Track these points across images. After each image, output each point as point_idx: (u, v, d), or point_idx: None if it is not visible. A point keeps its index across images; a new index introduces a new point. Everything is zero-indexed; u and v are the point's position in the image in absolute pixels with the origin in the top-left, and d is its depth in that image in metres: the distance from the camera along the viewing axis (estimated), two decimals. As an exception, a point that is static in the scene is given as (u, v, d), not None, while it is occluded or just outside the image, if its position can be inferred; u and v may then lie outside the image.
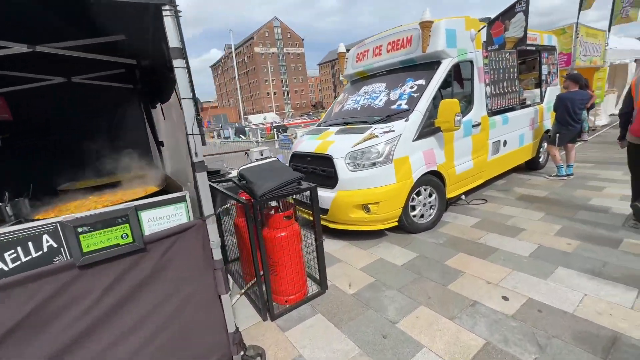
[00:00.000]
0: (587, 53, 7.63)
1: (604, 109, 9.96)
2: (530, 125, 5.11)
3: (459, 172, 3.84)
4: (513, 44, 3.46)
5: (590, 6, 6.58)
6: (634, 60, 10.82)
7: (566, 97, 4.70)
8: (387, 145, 3.16)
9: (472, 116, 3.91)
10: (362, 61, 4.51)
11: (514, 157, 4.94)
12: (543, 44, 5.28)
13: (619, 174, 4.95)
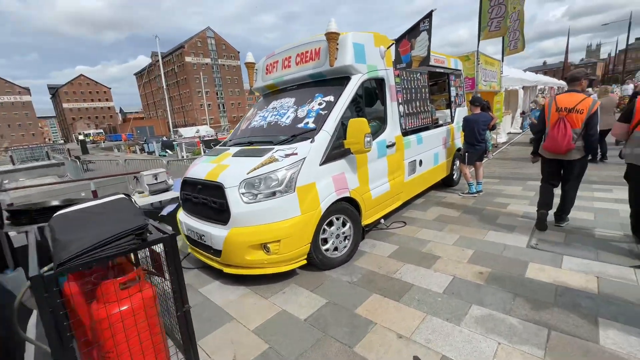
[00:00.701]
0: (487, 79, 8.52)
1: (502, 128, 11.33)
2: (443, 144, 5.23)
3: (375, 196, 3.55)
4: (418, 63, 3.36)
5: (487, 38, 7.34)
6: (521, 87, 12.70)
7: (471, 119, 4.91)
8: (288, 171, 2.67)
9: (386, 136, 3.70)
10: (272, 73, 4.03)
11: (431, 176, 4.95)
12: (450, 67, 5.54)
13: (519, 189, 5.33)
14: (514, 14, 9.36)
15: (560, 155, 3.26)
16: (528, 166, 7.12)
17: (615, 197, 4.44)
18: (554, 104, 3.24)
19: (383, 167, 3.69)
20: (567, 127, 3.08)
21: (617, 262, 2.72)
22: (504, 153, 9.20)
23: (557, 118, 3.16)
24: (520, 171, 6.76)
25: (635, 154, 2.70)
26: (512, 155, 8.68)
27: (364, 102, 3.49)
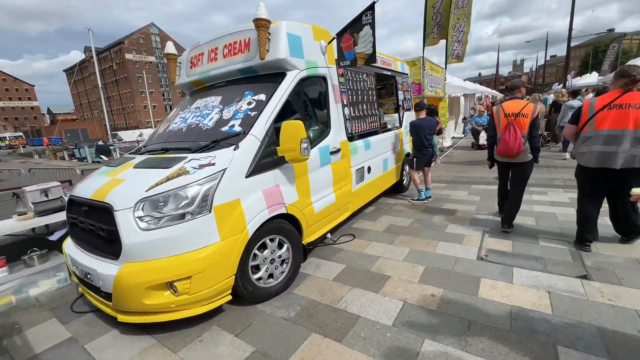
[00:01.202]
0: (433, 85, 8.75)
1: (447, 133, 11.84)
2: (392, 149, 5.03)
3: (318, 210, 3.12)
4: (364, 61, 3.03)
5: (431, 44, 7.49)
6: (462, 94, 13.50)
7: (417, 124, 4.78)
8: (202, 186, 2.10)
9: (330, 141, 3.30)
10: (197, 67, 3.41)
11: (380, 182, 4.69)
12: (398, 70, 5.39)
13: (465, 194, 5.33)
14: (457, 25, 9.79)
15: (512, 158, 3.44)
16: (472, 170, 7.36)
17: (551, 200, 4.59)
18: (501, 111, 3.43)
19: (327, 176, 3.28)
20: (517, 131, 3.29)
21: (564, 273, 2.62)
22: (449, 157, 9.52)
23: (507, 123, 3.36)
24: (465, 175, 6.91)
25: (579, 152, 2.89)
26: (457, 159, 8.99)
27: (302, 103, 3.05)
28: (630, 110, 2.57)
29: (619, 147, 2.61)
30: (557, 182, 5.54)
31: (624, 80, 2.65)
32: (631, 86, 2.62)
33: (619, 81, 2.70)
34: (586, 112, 2.80)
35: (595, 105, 2.75)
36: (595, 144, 2.73)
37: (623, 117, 2.60)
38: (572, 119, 2.98)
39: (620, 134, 2.61)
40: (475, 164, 8.08)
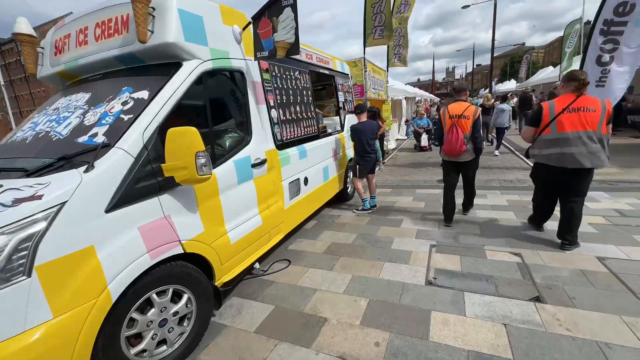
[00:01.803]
0: (376, 87, 8.61)
1: (392, 135, 11.98)
2: (333, 155, 4.56)
3: (237, 239, 2.46)
4: (285, 51, 2.46)
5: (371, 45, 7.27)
6: (404, 97, 13.86)
7: (358, 128, 4.38)
8: (11, 236, 1.30)
9: (252, 151, 2.66)
10: (63, 54, 2.50)
11: (321, 194, 4.18)
12: (337, 69, 4.96)
13: (410, 199, 5.10)
14: (398, 29, 9.86)
15: (456, 157, 3.62)
16: (415, 172, 7.32)
17: (491, 204, 4.53)
18: (447, 112, 3.59)
19: (249, 194, 2.63)
20: (459, 132, 3.46)
21: (517, 295, 2.34)
22: (394, 159, 9.51)
23: (451, 124, 3.52)
24: (410, 177, 6.79)
25: (543, 154, 2.98)
26: (402, 162, 8.98)
27: (209, 104, 2.35)
28: (590, 113, 2.72)
29: (582, 147, 2.74)
30: (494, 184, 5.62)
31: (574, 84, 2.80)
32: (582, 89, 2.79)
33: (569, 85, 2.84)
34: (547, 115, 2.88)
35: (555, 108, 2.84)
36: (564, 145, 2.81)
37: (583, 119, 2.73)
38: (530, 121, 3.06)
39: (583, 135, 2.74)
40: (418, 165, 8.10)
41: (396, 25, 9.72)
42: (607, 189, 4.72)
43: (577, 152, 2.75)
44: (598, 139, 2.71)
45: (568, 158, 2.79)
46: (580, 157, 2.74)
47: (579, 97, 2.77)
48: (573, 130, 2.76)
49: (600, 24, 5.23)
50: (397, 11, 9.31)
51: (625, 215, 3.67)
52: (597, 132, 2.71)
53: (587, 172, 2.82)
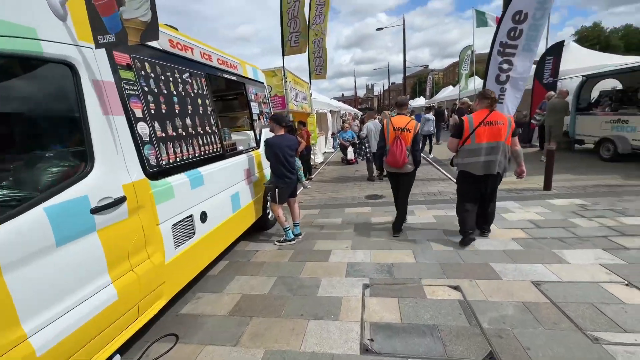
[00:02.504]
0: (298, 99, 8.15)
1: (319, 149, 11.68)
2: (247, 178, 3.76)
3: (58, 341, 1.45)
4: (139, 34, 1.63)
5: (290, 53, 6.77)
6: (329, 110, 13.86)
7: (273, 142, 3.68)
8: None
9: (92, 188, 1.70)
10: None
11: (230, 229, 3.31)
12: (247, 76, 4.21)
13: (339, 222, 4.59)
14: (316, 41, 9.65)
15: (398, 169, 3.68)
16: (344, 188, 6.96)
17: (420, 221, 4.30)
18: (391, 125, 3.63)
19: (85, 259, 1.64)
20: (402, 144, 3.54)
21: (468, 355, 1.88)
22: (322, 174, 9.11)
23: (395, 136, 3.57)
24: (338, 195, 6.36)
25: (464, 163, 3.30)
26: (330, 176, 8.61)
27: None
28: (500, 126, 3.09)
29: (496, 155, 3.12)
30: (419, 197, 5.54)
31: (487, 101, 3.17)
32: (494, 106, 3.17)
33: (483, 102, 3.20)
34: (467, 128, 3.20)
35: (473, 122, 3.18)
36: (481, 155, 3.17)
37: (495, 132, 3.11)
38: (455, 133, 3.35)
39: (496, 146, 3.11)
40: (345, 180, 7.80)
41: (314, 37, 9.52)
42: (515, 198, 4.97)
43: (491, 159, 3.14)
44: (505, 149, 3.15)
45: (484, 165, 3.18)
46: (493, 164, 3.14)
47: (491, 112, 3.14)
48: (487, 141, 3.13)
49: (497, 46, 5.70)
50: (313, 22, 9.12)
51: (539, 226, 3.75)
52: (504, 143, 3.13)
53: (498, 176, 3.25)
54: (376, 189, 6.61)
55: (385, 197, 5.87)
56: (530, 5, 5.22)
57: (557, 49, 9.15)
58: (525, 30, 5.40)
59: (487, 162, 3.15)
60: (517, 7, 5.28)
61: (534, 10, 5.24)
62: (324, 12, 9.30)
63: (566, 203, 4.52)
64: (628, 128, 6.61)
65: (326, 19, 9.35)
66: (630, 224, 3.55)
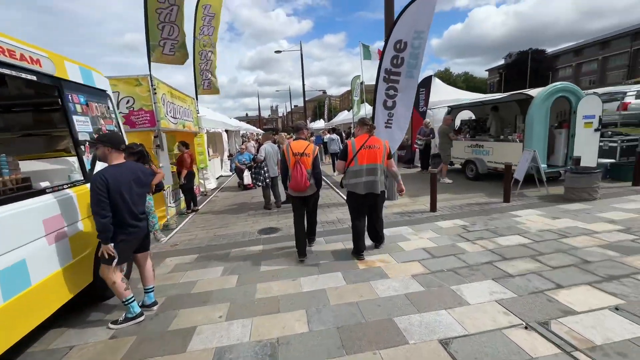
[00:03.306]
0: (178, 116, 6.79)
1: (212, 173, 10.26)
2: (52, 232, 2.39)
3: None
4: None
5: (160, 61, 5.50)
6: (224, 130, 12.60)
7: (108, 177, 2.44)
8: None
9: None
10: None
11: (12, 319, 1.91)
12: (65, 77, 2.87)
13: (217, 276, 3.52)
14: (204, 52, 8.52)
15: (302, 193, 3.69)
16: (236, 220, 5.88)
17: (319, 261, 3.68)
18: (290, 150, 3.65)
19: None
20: (302, 168, 3.56)
21: None
22: (212, 203, 7.79)
23: (295, 161, 3.59)
24: (226, 231, 5.28)
25: (351, 184, 3.52)
26: (221, 205, 7.39)
27: None
28: (376, 150, 3.45)
29: (375, 176, 3.45)
30: (318, 228, 5.00)
31: (366, 127, 3.56)
32: (372, 132, 3.55)
33: (363, 128, 3.58)
34: (351, 151, 3.48)
35: (355, 145, 3.48)
36: (363, 176, 3.46)
37: (372, 154, 3.45)
38: (341, 156, 3.61)
39: (374, 167, 3.44)
40: (239, 210, 6.76)
41: (200, 48, 8.41)
42: (408, 222, 4.95)
43: (372, 180, 3.45)
44: (382, 170, 3.50)
45: (366, 185, 3.47)
46: (374, 184, 3.46)
47: (370, 137, 3.50)
48: (368, 163, 3.44)
49: (382, 73, 5.85)
50: (200, 32, 8.04)
51: (433, 255, 3.60)
52: (381, 164, 3.47)
53: (380, 194, 3.57)
54: (272, 220, 5.81)
55: (281, 230, 5.12)
56: (408, 35, 5.55)
57: (427, 82, 10.55)
58: (406, 58, 5.71)
59: (368, 182, 3.46)
60: (398, 36, 5.55)
61: (412, 40, 5.59)
62: (214, 25, 8.36)
63: (451, 225, 4.67)
64: (484, 152, 7.80)
65: (216, 32, 8.41)
66: (505, 245, 3.73)
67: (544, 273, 2.97)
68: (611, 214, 4.55)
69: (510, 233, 4.12)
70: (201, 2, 8.13)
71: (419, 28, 5.60)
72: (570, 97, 6.40)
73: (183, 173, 6.32)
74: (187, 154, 6.37)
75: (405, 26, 5.58)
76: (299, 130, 3.97)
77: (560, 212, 4.90)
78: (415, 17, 5.50)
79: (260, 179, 6.43)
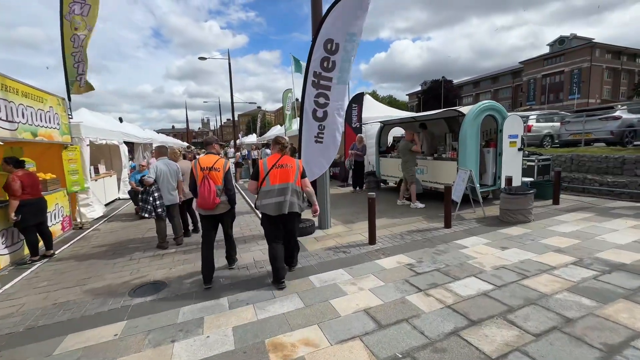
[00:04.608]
0: (18, 119, 4.64)
1: (96, 198, 7.83)
2: None
3: None
4: None
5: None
6: (122, 142, 10.14)
7: None
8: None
9: None
10: None
11: None
12: None
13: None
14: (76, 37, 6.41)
15: (211, 211, 3.48)
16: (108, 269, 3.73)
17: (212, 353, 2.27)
18: (198, 165, 3.50)
19: None
20: (211, 184, 3.39)
21: None
22: (85, 241, 5.58)
23: (202, 176, 3.42)
24: (79, 294, 3.42)
25: (263, 205, 3.31)
26: (97, 243, 5.29)
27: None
28: (288, 169, 3.34)
29: (285, 196, 3.27)
30: (223, 281, 3.58)
31: (278, 146, 3.43)
32: (284, 151, 3.42)
33: (275, 147, 3.46)
34: (262, 171, 3.34)
35: (267, 164, 3.35)
36: (272, 197, 3.28)
37: (284, 174, 3.32)
38: (252, 176, 3.47)
39: (286, 187, 3.29)
40: (122, 251, 4.83)
41: (71, 32, 6.31)
42: (343, 262, 3.89)
43: (283, 200, 3.26)
44: (295, 190, 3.33)
45: (276, 206, 3.27)
46: (285, 204, 3.26)
47: (282, 156, 3.39)
48: (280, 182, 3.29)
49: (311, 76, 4.85)
50: (69, 10, 6.03)
51: (380, 323, 2.53)
52: (294, 184, 3.32)
53: (293, 215, 3.38)
54: (164, 266, 4.14)
55: (169, 287, 3.53)
56: (341, 37, 4.72)
57: (359, 98, 10.11)
58: (339, 63, 4.86)
59: (279, 202, 3.27)
60: (328, 35, 4.67)
61: (344, 42, 4.78)
62: (90, 2, 6.35)
63: (395, 264, 3.75)
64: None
65: (94, 11, 6.40)
66: (465, 296, 2.88)
67: (529, 348, 2.12)
68: (554, 240, 4.21)
69: (464, 274, 3.35)
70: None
71: (351, 30, 4.80)
72: (497, 115, 6.36)
73: (12, 205, 4.19)
74: (17, 176, 4.25)
75: (336, 26, 4.73)
76: (208, 144, 3.82)
77: (504, 238, 4.43)
78: (347, 18, 4.69)
79: (147, 208, 4.68)
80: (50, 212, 5.60)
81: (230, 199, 3.57)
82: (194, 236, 5.61)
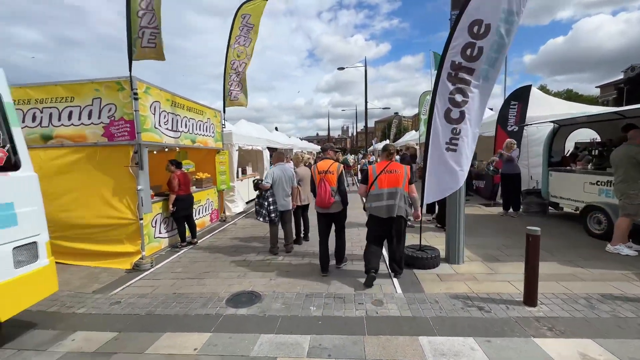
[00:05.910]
0: (181, 129, 5.71)
1: (240, 196, 9.10)
2: None
3: None
4: None
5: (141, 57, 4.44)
6: (266, 147, 11.57)
7: None
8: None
9: None
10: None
11: None
12: None
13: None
14: (236, 62, 7.62)
15: (327, 209, 3.91)
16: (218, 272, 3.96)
17: None
18: (316, 169, 3.98)
19: None
20: (326, 185, 3.83)
21: None
22: (223, 233, 6.40)
23: (320, 179, 3.89)
24: (190, 290, 3.69)
25: (373, 207, 3.60)
26: (228, 237, 5.92)
27: None
28: (397, 174, 3.53)
29: (395, 200, 3.47)
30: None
31: (386, 153, 3.72)
32: (391, 157, 3.70)
33: (384, 154, 3.75)
34: (371, 175, 3.63)
35: (376, 170, 3.63)
36: (383, 200, 3.52)
37: (393, 179, 3.53)
38: (362, 180, 3.88)
39: (395, 191, 3.50)
40: (241, 250, 5.14)
41: (234, 58, 7.51)
42: (477, 329, 2.62)
43: (391, 204, 3.49)
44: (403, 195, 3.52)
45: (385, 209, 3.52)
46: (394, 207, 3.48)
47: (390, 162, 3.64)
48: (388, 187, 3.53)
49: (447, 67, 3.69)
50: (235, 41, 7.26)
51: None
52: (402, 189, 3.51)
53: (400, 219, 3.56)
54: (267, 274, 4.07)
55: (262, 300, 3.33)
56: (494, 16, 3.40)
57: (523, 93, 7.72)
58: (486, 50, 3.53)
59: (389, 205, 3.50)
60: (476, 15, 3.43)
61: (498, 22, 3.42)
62: (251, 37, 7.55)
63: (574, 356, 2.19)
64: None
65: (252, 44, 7.59)
66: None
67: None
68: None
69: None
70: (240, 11, 7.36)
71: (511, 7, 3.42)
72: None
73: (171, 199, 5.10)
74: (176, 175, 5.14)
75: (489, 3, 3.45)
76: (325, 150, 4.42)
77: None
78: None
79: (261, 212, 4.78)
80: (202, 205, 6.75)
81: (342, 199, 3.96)
82: (305, 245, 5.45)
